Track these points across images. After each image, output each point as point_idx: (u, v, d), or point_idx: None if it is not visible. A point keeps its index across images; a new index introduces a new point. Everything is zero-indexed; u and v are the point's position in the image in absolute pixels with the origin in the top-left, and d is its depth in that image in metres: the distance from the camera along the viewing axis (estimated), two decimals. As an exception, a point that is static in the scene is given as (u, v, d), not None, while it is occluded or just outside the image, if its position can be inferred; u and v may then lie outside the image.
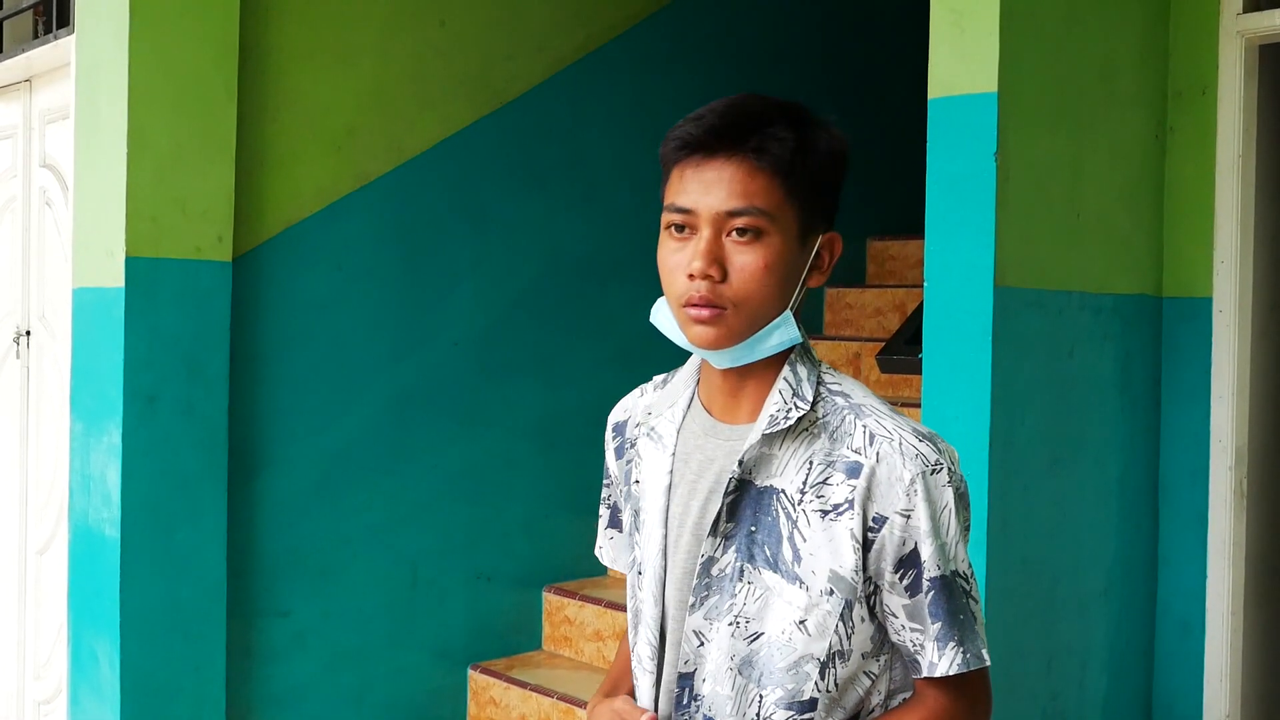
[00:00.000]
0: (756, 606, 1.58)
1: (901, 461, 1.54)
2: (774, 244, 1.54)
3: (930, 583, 1.54)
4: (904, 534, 1.54)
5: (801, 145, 1.56)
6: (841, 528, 1.55)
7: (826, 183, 1.59)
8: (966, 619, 1.56)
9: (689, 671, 1.63)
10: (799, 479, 1.57)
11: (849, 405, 1.60)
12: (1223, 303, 3.25)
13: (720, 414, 1.66)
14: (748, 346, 1.58)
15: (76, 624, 3.85)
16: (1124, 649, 3.27)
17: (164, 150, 3.63)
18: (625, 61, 4.70)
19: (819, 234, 1.60)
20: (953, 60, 2.93)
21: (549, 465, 4.51)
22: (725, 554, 1.60)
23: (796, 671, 1.57)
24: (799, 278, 1.59)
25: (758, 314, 1.56)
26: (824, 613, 1.55)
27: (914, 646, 1.57)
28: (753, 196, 1.53)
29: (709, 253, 1.54)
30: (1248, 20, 3.23)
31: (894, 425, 1.57)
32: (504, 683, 4.23)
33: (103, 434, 3.68)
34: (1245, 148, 3.25)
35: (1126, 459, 3.26)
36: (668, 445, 1.69)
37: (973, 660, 1.56)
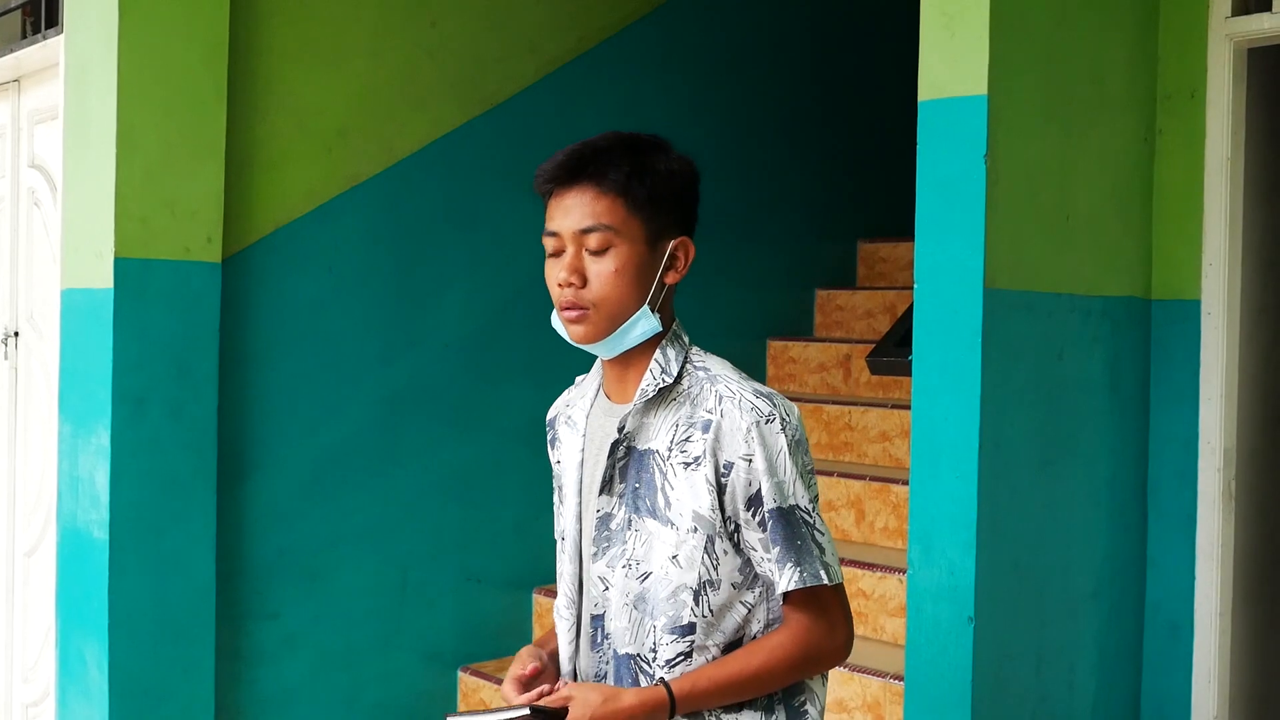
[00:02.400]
0: (644, 550, 1.92)
1: (739, 414, 1.87)
2: (623, 252, 1.89)
3: (769, 514, 1.86)
4: (748, 476, 1.86)
5: (638, 169, 1.89)
6: (699, 475, 1.88)
7: (668, 197, 1.92)
8: (805, 545, 1.87)
9: (599, 614, 1.97)
10: (667, 439, 1.91)
11: (708, 376, 1.93)
12: (1211, 305, 3.26)
13: (615, 397, 2.01)
14: (616, 338, 1.92)
15: (65, 626, 3.84)
16: (1113, 650, 3.28)
17: (153, 151, 3.62)
18: (617, 63, 4.69)
19: (670, 239, 1.94)
20: (943, 62, 2.94)
21: (539, 467, 4.44)
22: (619, 510, 1.95)
23: (675, 599, 1.89)
24: (653, 278, 1.92)
25: (616, 311, 1.90)
26: (691, 547, 1.89)
27: (769, 575, 1.88)
28: (600, 215, 1.90)
29: (570, 265, 1.91)
30: (1236, 23, 3.24)
31: (738, 387, 1.90)
32: (494, 684, 4.22)
33: (91, 435, 3.67)
34: (1234, 150, 3.26)
35: (1116, 461, 3.27)
36: (579, 427, 2.04)
37: (809, 578, 1.86)
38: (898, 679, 3.39)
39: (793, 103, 5.25)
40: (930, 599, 2.93)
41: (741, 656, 1.89)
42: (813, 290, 5.33)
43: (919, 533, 2.96)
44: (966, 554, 2.86)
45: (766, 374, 5.16)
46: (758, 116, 5.12)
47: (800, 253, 5.30)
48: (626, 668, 1.93)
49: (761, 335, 5.15)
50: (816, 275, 5.35)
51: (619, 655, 1.94)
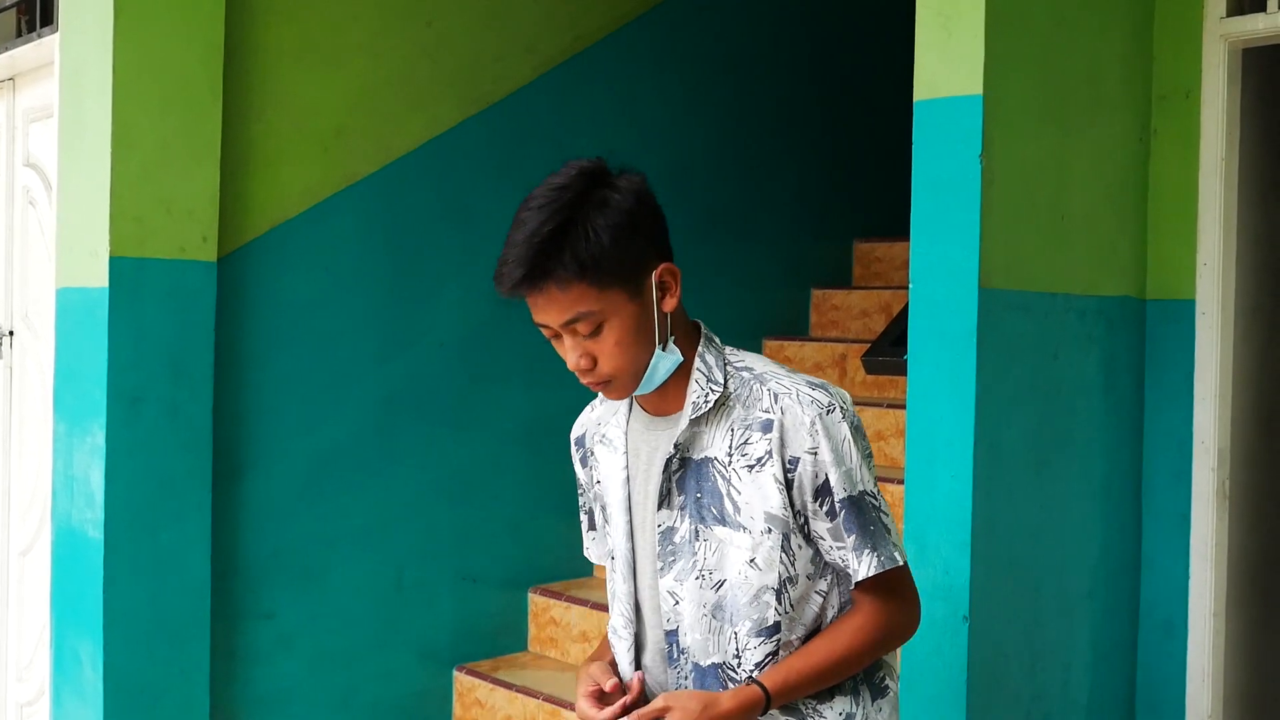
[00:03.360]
0: (715, 559, 1.92)
1: (801, 409, 1.88)
2: (614, 323, 1.85)
3: (841, 504, 1.89)
4: (815, 468, 1.88)
5: (583, 242, 1.81)
6: (766, 475, 1.89)
7: (628, 244, 1.83)
8: (877, 529, 1.90)
9: (672, 629, 1.96)
10: (725, 445, 1.91)
11: (753, 376, 1.94)
12: (1206, 305, 3.27)
13: (654, 410, 1.99)
14: (645, 384, 1.91)
15: (59, 626, 3.84)
16: (1107, 650, 3.28)
17: (149, 150, 3.62)
18: (613, 63, 4.69)
19: (648, 276, 1.87)
20: (938, 62, 2.94)
21: (535, 467, 4.51)
22: (681, 522, 1.94)
23: (758, 602, 1.90)
24: (652, 320, 1.88)
25: (635, 370, 1.89)
26: (768, 548, 1.90)
27: (842, 562, 1.91)
28: (574, 305, 1.83)
29: (574, 352, 1.88)
30: (1231, 24, 3.25)
31: (790, 382, 1.92)
32: (490, 684, 4.22)
33: (86, 435, 3.66)
34: (1229, 150, 3.27)
35: (1110, 460, 3.27)
36: (618, 446, 2.03)
37: (886, 562, 1.90)
38: (893, 678, 3.39)
39: (788, 102, 5.25)
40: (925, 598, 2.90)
41: (825, 643, 1.92)
42: (808, 290, 5.33)
43: (914, 532, 2.96)
44: (961, 553, 2.86)
45: (762, 374, 5.15)
46: (753, 116, 5.13)
47: (796, 252, 5.30)
48: (714, 677, 1.93)
49: (757, 335, 5.15)
50: (812, 275, 5.35)
51: (701, 667, 1.93)
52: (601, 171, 1.89)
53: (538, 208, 1.85)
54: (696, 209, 4.85)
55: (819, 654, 1.90)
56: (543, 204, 1.85)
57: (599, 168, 1.89)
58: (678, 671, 1.95)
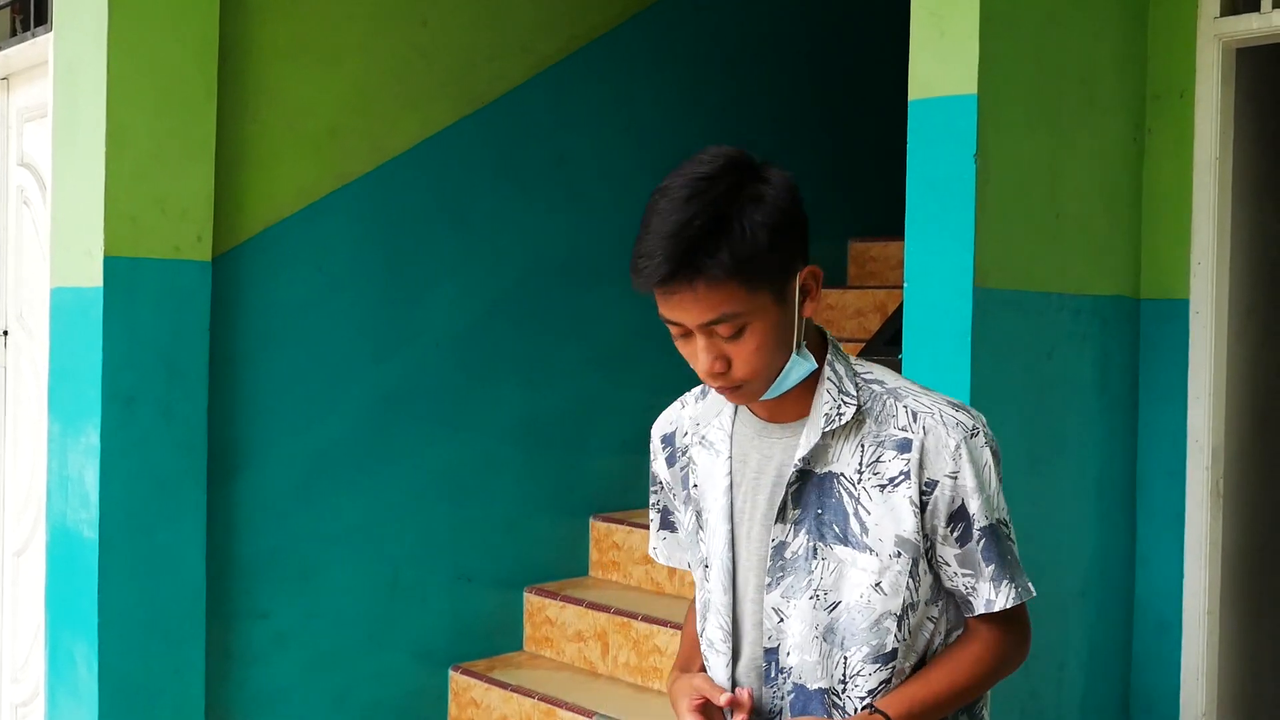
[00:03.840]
0: (833, 579, 1.79)
1: (946, 431, 1.77)
2: (757, 326, 1.71)
3: (981, 532, 1.78)
4: (953, 493, 1.77)
5: (739, 240, 1.67)
6: (900, 496, 1.77)
7: (780, 243, 1.71)
8: (1013, 560, 1.82)
9: (773, 647, 1.83)
10: (854, 461, 1.79)
11: (886, 390, 1.82)
12: (1200, 304, 3.27)
13: (769, 417, 1.85)
14: (772, 390, 1.77)
15: (54, 626, 3.83)
16: (1102, 648, 3.28)
17: (143, 149, 3.61)
18: (608, 62, 4.69)
19: (795, 278, 1.74)
20: (933, 62, 2.94)
21: (530, 466, 4.51)
22: (796, 537, 1.81)
23: (878, 628, 1.79)
24: (792, 324, 1.75)
25: (770, 375, 1.75)
26: (895, 572, 1.78)
27: (966, 589, 1.81)
28: (719, 307, 1.68)
29: (709, 354, 1.73)
30: (1225, 24, 3.25)
31: (930, 402, 1.81)
32: (485, 684, 4.22)
33: (81, 435, 3.66)
34: (1222, 150, 3.27)
35: (1104, 459, 3.28)
36: (722, 450, 1.89)
37: (1023, 594, 1.82)
38: (888, 677, 3.39)
39: (783, 102, 5.25)
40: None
41: (946, 672, 1.82)
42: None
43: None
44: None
45: (757, 373, 5.16)
46: (748, 115, 5.13)
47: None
48: (819, 702, 1.81)
49: (752, 334, 5.14)
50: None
51: (807, 690, 1.82)
52: (750, 163, 1.77)
53: (685, 199, 1.69)
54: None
55: (941, 683, 1.81)
56: (691, 195, 1.70)
57: (747, 159, 1.78)
58: (774, 691, 1.84)
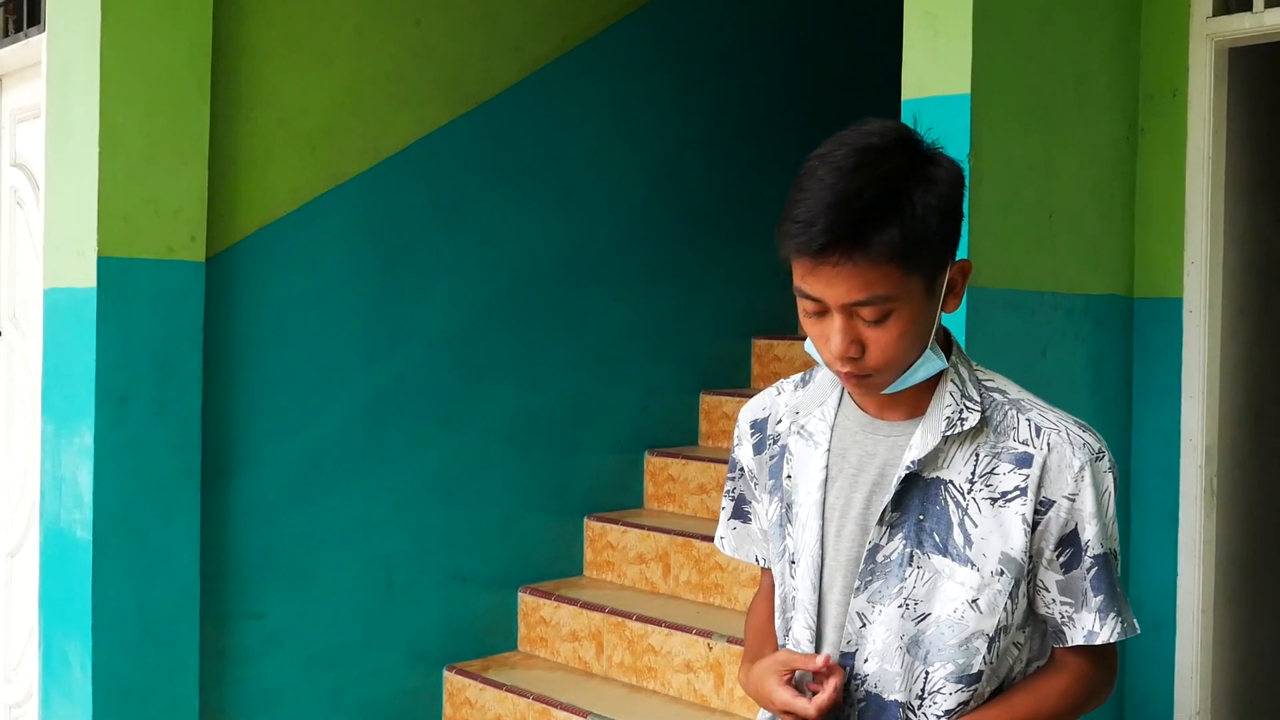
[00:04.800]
0: (925, 589, 1.71)
1: (1071, 451, 1.69)
2: (902, 314, 1.62)
3: (1094, 560, 1.70)
4: (1068, 516, 1.69)
5: (909, 221, 1.58)
6: (1011, 513, 1.69)
7: (941, 233, 1.62)
8: (1120, 593, 1.74)
9: (850, 651, 1.75)
10: (966, 470, 1.70)
11: (1008, 400, 1.74)
12: (1193, 303, 3.28)
13: (877, 412, 1.77)
14: (898, 385, 1.70)
15: (48, 627, 3.82)
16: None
17: (136, 149, 3.60)
18: (602, 62, 4.69)
19: (947, 270, 1.67)
20: (927, 62, 2.94)
21: (525, 466, 4.51)
22: (892, 541, 1.72)
23: (967, 647, 1.70)
24: (934, 318, 1.68)
25: (902, 368, 1.67)
26: (995, 591, 1.69)
27: (1062, 618, 1.73)
28: (872, 287, 1.59)
29: (845, 336, 1.63)
30: (1217, 23, 3.26)
31: (1057, 418, 1.73)
32: (479, 683, 4.22)
33: (74, 435, 3.65)
34: (1215, 149, 3.28)
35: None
36: (821, 442, 1.80)
37: (1128, 629, 1.74)
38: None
39: (778, 100, 5.25)
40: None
41: (1030, 701, 1.75)
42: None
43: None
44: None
45: (751, 372, 5.16)
46: (743, 114, 5.13)
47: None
48: (893, 714, 1.73)
49: (746, 334, 5.15)
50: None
51: (882, 700, 1.74)
52: (920, 142, 1.65)
53: (853, 167, 1.59)
54: (685, 207, 4.85)
55: (1023, 711, 1.73)
56: (860, 164, 1.59)
57: (917, 137, 1.65)
58: (846, 696, 1.76)
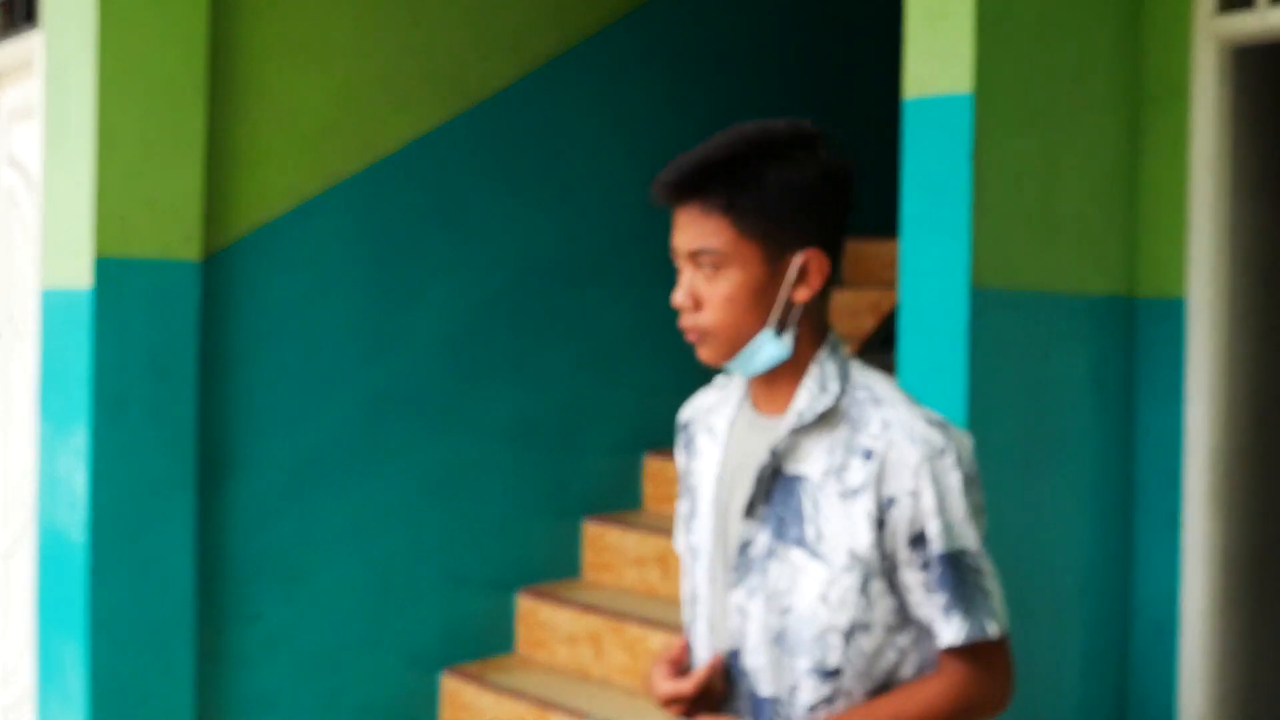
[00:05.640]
0: (787, 582, 1.75)
1: (910, 446, 1.70)
2: (734, 275, 1.73)
3: (937, 559, 1.71)
4: (913, 514, 1.70)
5: (746, 183, 1.72)
6: (858, 508, 1.71)
7: (787, 210, 1.73)
8: (974, 594, 1.72)
9: (736, 648, 1.79)
10: (822, 465, 1.74)
11: (870, 398, 1.76)
12: (1196, 304, 3.26)
13: (763, 407, 1.83)
14: (742, 362, 1.78)
15: (44, 629, 3.81)
16: (1098, 651, 3.27)
17: (133, 149, 3.59)
18: (600, 61, 4.68)
19: (795, 254, 1.74)
20: (927, 61, 2.93)
21: (522, 467, 4.49)
22: (760, 535, 1.77)
23: (822, 641, 1.73)
24: (774, 298, 1.75)
25: (732, 336, 1.76)
26: (844, 587, 1.71)
27: (927, 620, 1.73)
28: (707, 237, 1.73)
29: (685, 287, 1.77)
30: (1221, 22, 3.24)
31: (908, 415, 1.73)
32: (477, 686, 4.20)
33: (70, 436, 3.64)
34: (1218, 149, 3.26)
35: (1101, 460, 3.26)
36: (720, 440, 1.88)
37: (976, 631, 1.71)
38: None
39: (776, 101, 5.23)
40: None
41: (894, 704, 1.73)
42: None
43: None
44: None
45: (751, 373, 5.14)
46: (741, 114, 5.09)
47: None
48: (767, 710, 1.76)
49: (746, 334, 5.13)
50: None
51: (758, 696, 1.77)
52: (814, 137, 1.77)
53: (735, 135, 1.76)
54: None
55: (884, 713, 1.73)
56: (740, 135, 1.76)
57: (814, 134, 1.77)
58: (736, 692, 1.80)
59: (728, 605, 1.80)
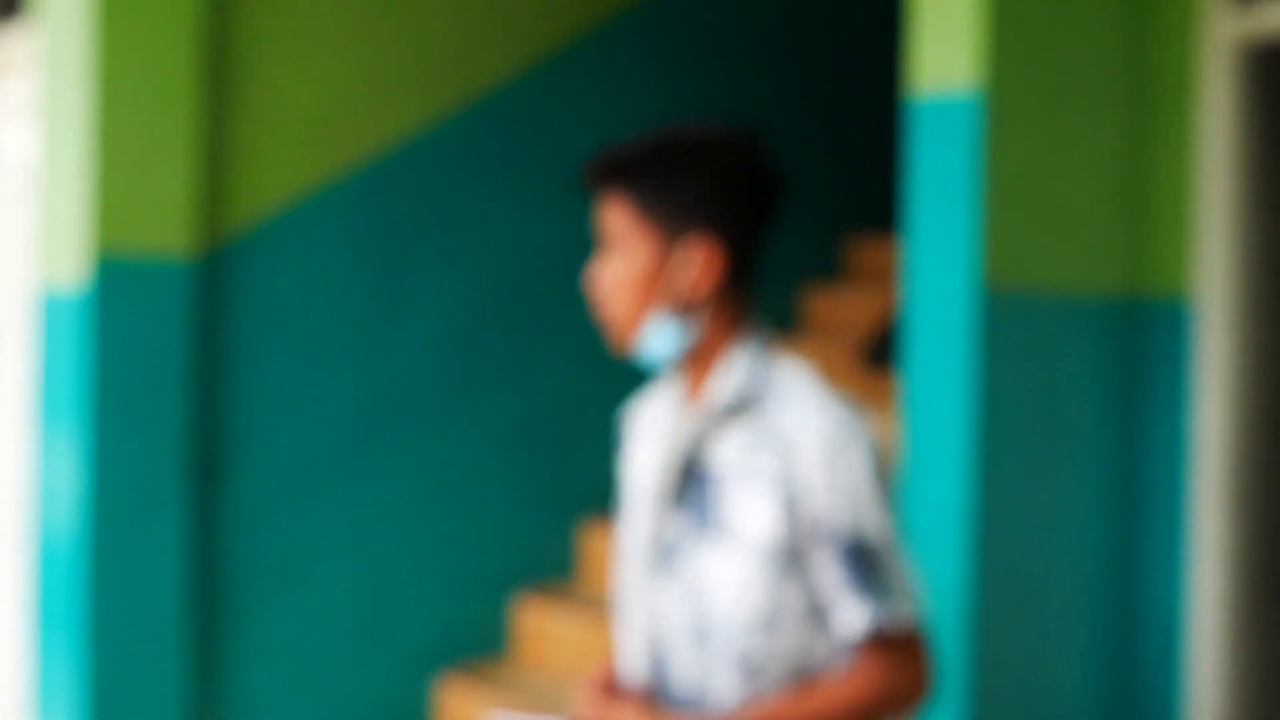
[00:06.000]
0: (705, 575, 1.78)
1: (815, 437, 1.73)
2: (628, 258, 1.80)
3: (838, 546, 1.73)
4: (818, 503, 1.73)
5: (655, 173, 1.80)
6: (766, 498, 1.74)
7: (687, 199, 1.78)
8: (878, 582, 1.73)
9: (660, 641, 1.83)
10: (736, 456, 1.77)
11: (785, 389, 1.79)
12: (1207, 306, 3.25)
13: (689, 397, 1.86)
14: (641, 349, 1.84)
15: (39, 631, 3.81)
16: (1108, 654, 3.26)
17: (130, 147, 3.61)
18: (599, 59, 4.67)
19: (688, 240, 1.79)
20: (933, 59, 2.93)
21: (519, 471, 4.47)
22: (681, 528, 1.81)
23: (738, 632, 1.76)
24: (668, 284, 1.79)
25: (622, 319, 1.82)
26: (758, 577, 1.75)
27: (835, 608, 1.75)
28: (610, 219, 1.82)
29: (595, 268, 1.86)
30: (1231, 22, 3.23)
31: (816, 405, 1.76)
32: (473, 688, 4.19)
33: (66, 437, 3.63)
34: (1228, 149, 3.25)
35: (1109, 463, 3.25)
36: (650, 435, 1.92)
37: (881, 618, 1.73)
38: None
39: (778, 98, 5.22)
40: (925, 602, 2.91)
41: (803, 696, 1.76)
42: (799, 287, 5.31)
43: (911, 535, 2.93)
44: (959, 556, 2.85)
45: (752, 375, 5.13)
46: (743, 111, 5.09)
47: (786, 249, 5.23)
48: (687, 702, 1.80)
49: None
50: (803, 272, 5.33)
51: (682, 688, 1.81)
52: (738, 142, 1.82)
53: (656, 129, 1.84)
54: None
55: (793, 704, 1.75)
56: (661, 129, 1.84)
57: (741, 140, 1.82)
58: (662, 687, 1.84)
59: (652, 599, 1.84)
